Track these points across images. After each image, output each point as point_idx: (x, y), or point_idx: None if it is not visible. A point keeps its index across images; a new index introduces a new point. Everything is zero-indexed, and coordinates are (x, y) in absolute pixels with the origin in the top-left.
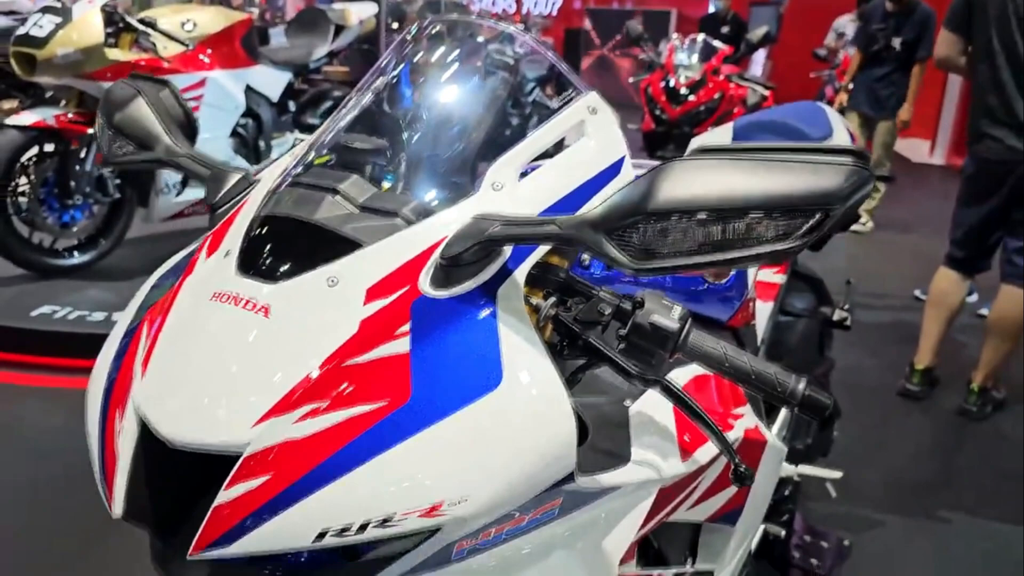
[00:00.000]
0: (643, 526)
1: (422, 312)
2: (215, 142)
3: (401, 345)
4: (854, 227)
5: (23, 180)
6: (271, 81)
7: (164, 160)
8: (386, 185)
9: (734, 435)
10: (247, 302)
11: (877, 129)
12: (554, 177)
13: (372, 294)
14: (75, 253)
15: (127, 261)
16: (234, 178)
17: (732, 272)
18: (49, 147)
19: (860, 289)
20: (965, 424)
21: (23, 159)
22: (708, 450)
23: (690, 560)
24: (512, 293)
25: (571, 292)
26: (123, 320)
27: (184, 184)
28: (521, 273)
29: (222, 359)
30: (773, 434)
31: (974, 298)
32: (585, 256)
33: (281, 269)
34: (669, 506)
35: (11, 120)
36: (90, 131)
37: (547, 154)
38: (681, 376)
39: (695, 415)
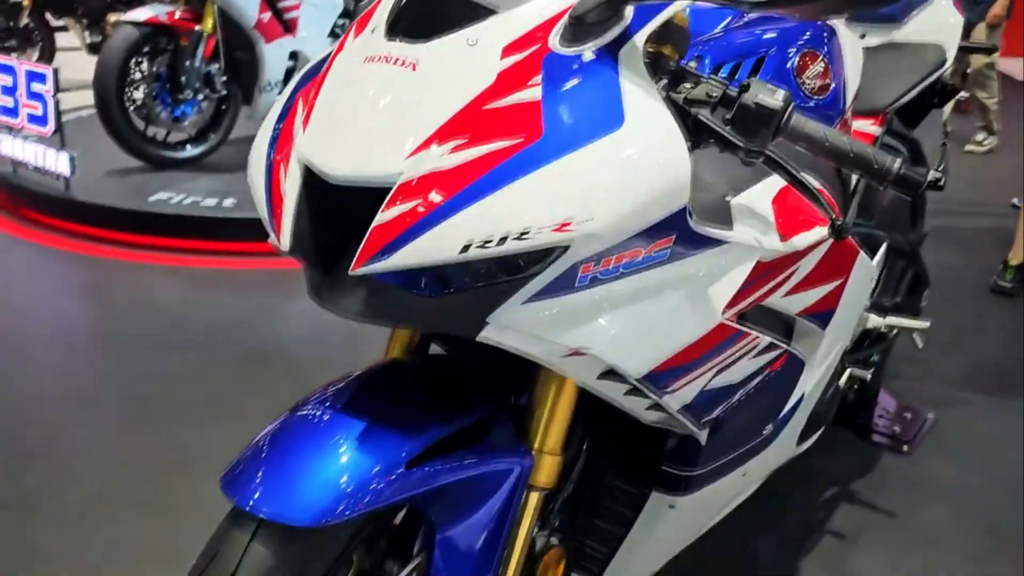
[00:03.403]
0: (741, 298)
1: (552, 66)
2: (313, 41)
3: (533, 93)
4: (969, 147)
5: (138, 76)
6: None
7: None
8: None
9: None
10: (397, 59)
11: (974, 34)
12: None
13: (507, 51)
14: (187, 146)
15: (234, 156)
16: None
17: (832, 86)
18: (161, 45)
19: (956, 198)
20: None
21: (137, 56)
22: (805, 239)
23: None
24: (632, 54)
25: (681, 79)
26: (279, 102)
27: (286, 82)
28: (640, 38)
29: (376, 105)
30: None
31: None
32: (691, 64)
33: (425, 33)
34: (766, 286)
35: (126, 16)
36: (198, 28)
37: None
38: (779, 182)
39: (798, 182)
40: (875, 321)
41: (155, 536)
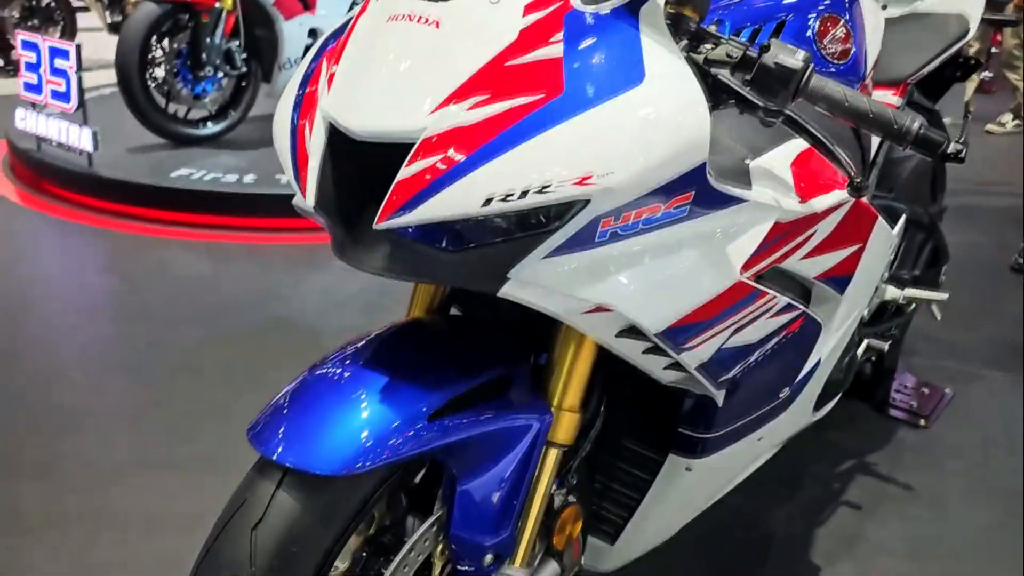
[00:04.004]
0: (760, 258)
1: (573, 23)
2: (332, 18)
3: (555, 50)
4: (990, 126)
5: (159, 53)
6: None
7: None
8: None
9: (847, 196)
10: (420, 17)
11: (1007, 11)
12: None
13: (529, 9)
14: (208, 123)
15: (254, 133)
16: None
17: (852, 51)
18: (181, 22)
19: (977, 177)
20: None
21: (158, 33)
22: (823, 202)
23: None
24: (654, 11)
25: (701, 39)
26: (303, 65)
27: None
28: None
29: (399, 63)
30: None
31: None
32: (711, 27)
33: None
34: (784, 247)
35: None
36: (218, 5)
37: None
38: (798, 147)
39: (817, 142)
40: (893, 293)
41: (179, 494)
